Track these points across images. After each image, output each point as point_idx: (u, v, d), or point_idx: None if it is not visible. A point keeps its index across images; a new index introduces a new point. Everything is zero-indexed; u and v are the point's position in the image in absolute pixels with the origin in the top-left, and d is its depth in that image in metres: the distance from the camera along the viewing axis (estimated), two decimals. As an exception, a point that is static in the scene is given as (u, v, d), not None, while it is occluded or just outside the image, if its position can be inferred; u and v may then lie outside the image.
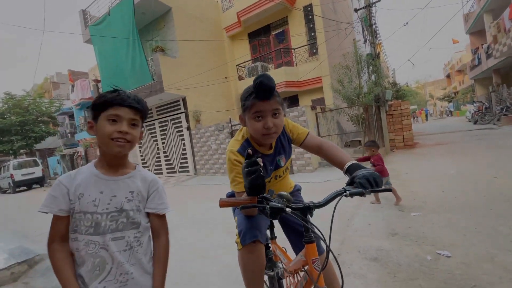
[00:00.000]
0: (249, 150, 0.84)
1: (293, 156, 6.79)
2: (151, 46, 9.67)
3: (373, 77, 7.91)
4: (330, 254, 0.79)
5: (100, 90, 10.70)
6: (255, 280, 1.15)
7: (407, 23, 8.62)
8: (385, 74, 10.80)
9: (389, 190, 0.88)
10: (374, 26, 8.37)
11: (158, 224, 0.95)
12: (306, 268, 0.94)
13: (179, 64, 9.21)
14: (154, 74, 8.81)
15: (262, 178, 0.83)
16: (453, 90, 36.22)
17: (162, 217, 0.96)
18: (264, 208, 0.81)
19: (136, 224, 0.88)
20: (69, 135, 21.51)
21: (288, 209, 0.82)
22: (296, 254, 1.19)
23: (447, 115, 31.74)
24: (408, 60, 11.94)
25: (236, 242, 1.17)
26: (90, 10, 11.18)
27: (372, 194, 0.90)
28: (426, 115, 29.10)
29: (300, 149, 6.54)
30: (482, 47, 16.10)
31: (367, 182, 0.85)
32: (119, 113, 0.84)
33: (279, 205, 0.80)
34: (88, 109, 20.01)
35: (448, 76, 40.79)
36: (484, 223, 2.46)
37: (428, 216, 2.82)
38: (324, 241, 0.79)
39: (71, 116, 21.11)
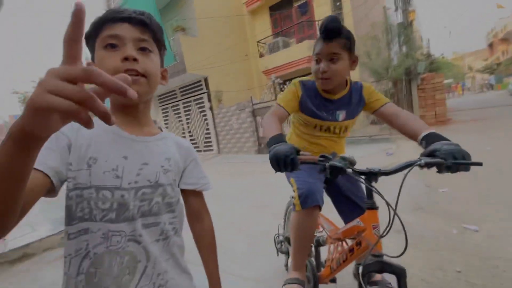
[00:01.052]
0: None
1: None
2: (172, 26, 9.68)
3: (404, 49, 7.35)
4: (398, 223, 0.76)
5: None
6: (306, 242, 1.18)
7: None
8: (418, 45, 9.97)
9: (480, 164, 0.71)
10: (407, -9, 7.62)
11: (198, 204, 0.76)
12: (363, 234, 0.92)
13: (199, 43, 9.19)
14: (176, 55, 8.91)
15: (288, 154, 0.78)
16: (495, 61, 32.61)
17: (201, 194, 0.77)
18: (324, 166, 0.77)
19: (172, 206, 0.65)
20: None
21: (349, 170, 0.77)
22: (345, 223, 1.20)
23: (488, 89, 28.93)
24: (445, 27, 10.84)
25: (295, 204, 1.13)
26: (113, -8, 11.32)
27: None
28: (462, 90, 26.79)
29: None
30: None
31: (453, 155, 0.73)
32: (117, 32, 0.57)
33: (340, 164, 0.76)
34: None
35: (491, 46, 36.61)
36: (519, 199, 2.35)
37: (456, 192, 2.74)
38: (391, 206, 0.75)
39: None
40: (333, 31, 0.99)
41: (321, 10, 9.52)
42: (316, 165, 0.80)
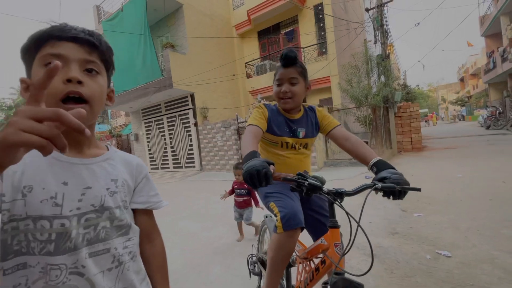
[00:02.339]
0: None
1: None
2: (162, 42, 9.80)
3: (382, 78, 7.83)
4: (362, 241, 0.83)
5: (111, 84, 10.90)
6: (284, 264, 1.17)
7: (418, 24, 8.48)
8: (395, 76, 10.66)
9: (418, 189, 0.86)
10: (385, 27, 8.27)
11: (149, 223, 0.70)
12: (326, 252, 0.95)
13: (188, 61, 9.31)
14: (163, 70, 8.94)
15: (261, 169, 0.80)
16: (466, 94, 35.38)
17: (152, 214, 0.72)
18: (302, 184, 0.81)
19: (124, 228, 0.60)
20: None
21: (325, 189, 0.84)
22: (314, 241, 1.20)
23: (459, 120, 31.04)
24: (419, 61, 11.72)
25: (276, 226, 1.13)
26: (104, 5, 11.41)
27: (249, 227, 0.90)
28: (437, 119, 28.58)
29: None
30: (498, 51, 15.66)
31: (398, 183, 0.87)
32: (61, 51, 0.52)
33: (318, 183, 0.81)
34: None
35: (462, 80, 39.88)
36: (487, 225, 2.44)
37: (430, 217, 2.80)
38: (356, 221, 0.80)
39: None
40: (291, 59, 1.17)
41: (307, 38, 10.07)
42: (288, 183, 0.83)
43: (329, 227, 0.93)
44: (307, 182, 0.81)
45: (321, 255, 1.04)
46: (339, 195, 0.88)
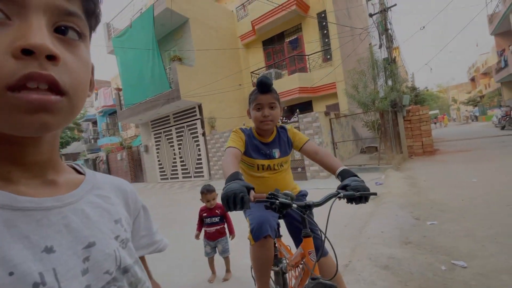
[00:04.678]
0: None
1: (306, 162, 6.76)
2: (169, 56, 10.07)
3: (389, 82, 7.76)
4: (328, 246, 0.92)
5: (122, 98, 11.22)
6: (265, 271, 1.27)
7: (424, 27, 8.42)
8: (403, 79, 10.55)
9: (375, 194, 0.97)
10: (390, 31, 8.25)
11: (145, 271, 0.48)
12: (304, 260, 1.04)
13: (195, 72, 9.51)
14: (171, 82, 9.15)
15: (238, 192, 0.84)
16: (478, 94, 34.50)
17: (144, 256, 0.51)
18: (273, 203, 0.88)
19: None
20: (92, 140, 22.59)
21: (294, 205, 0.91)
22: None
23: (472, 120, 30.22)
24: (426, 64, 11.57)
25: (249, 239, 1.26)
26: (114, 23, 11.87)
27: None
28: (449, 120, 27.93)
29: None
30: (510, 49, 15.31)
31: (357, 189, 0.96)
32: None
33: (287, 201, 0.88)
34: (110, 116, 20.63)
35: (473, 80, 38.98)
36: (506, 233, 2.34)
37: (445, 225, 2.72)
38: (321, 231, 0.90)
39: (95, 123, 22.22)
40: (268, 86, 1.26)
41: (311, 45, 10.13)
42: (265, 202, 0.91)
43: (302, 237, 1.01)
44: (277, 201, 0.88)
45: (302, 262, 1.13)
46: (308, 207, 0.98)
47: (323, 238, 0.89)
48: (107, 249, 0.35)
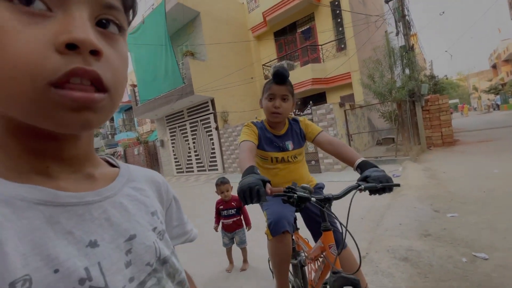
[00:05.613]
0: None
1: (320, 155, 6.73)
2: (182, 51, 10.16)
3: (407, 71, 7.51)
4: (347, 239, 0.90)
5: (137, 94, 11.49)
6: (283, 266, 1.26)
7: (443, 12, 8.02)
8: (421, 67, 10.16)
9: (398, 185, 0.94)
10: (407, 17, 7.92)
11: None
12: (324, 253, 1.02)
13: (207, 67, 9.57)
14: (184, 77, 9.26)
15: (255, 186, 0.82)
16: (500, 81, 32.67)
17: None
18: (291, 197, 0.86)
19: (186, 285, 0.41)
20: (109, 136, 23.36)
21: (313, 199, 0.88)
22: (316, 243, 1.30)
23: (494, 109, 28.76)
24: (446, 51, 11.05)
25: (266, 233, 1.24)
26: (127, 19, 12.04)
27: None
28: (469, 109, 26.76)
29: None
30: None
31: (379, 180, 0.93)
32: None
33: (306, 194, 0.86)
34: (126, 112, 21.31)
35: (494, 67, 36.91)
36: (530, 226, 2.29)
37: (465, 217, 2.68)
38: (341, 224, 0.87)
39: (111, 119, 22.90)
40: (284, 77, 1.23)
41: (325, 35, 9.91)
42: (283, 196, 0.88)
43: (322, 231, 0.99)
44: (295, 195, 0.86)
45: (322, 256, 1.11)
46: (327, 200, 0.95)
47: (342, 231, 0.90)
48: (147, 241, 0.36)
